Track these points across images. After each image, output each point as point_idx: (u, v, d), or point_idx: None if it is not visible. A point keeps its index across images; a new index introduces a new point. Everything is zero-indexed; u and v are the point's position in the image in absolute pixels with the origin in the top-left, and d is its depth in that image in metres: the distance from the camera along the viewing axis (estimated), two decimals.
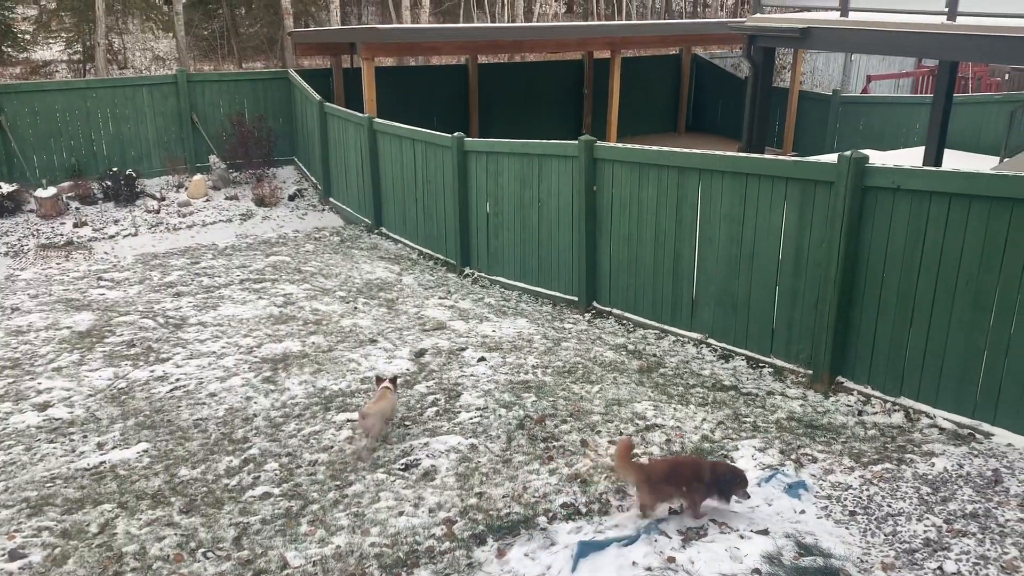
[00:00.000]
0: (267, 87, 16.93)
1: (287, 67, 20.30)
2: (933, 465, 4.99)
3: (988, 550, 4.06)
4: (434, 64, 22.50)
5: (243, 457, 5.35)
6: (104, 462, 5.35)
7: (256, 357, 7.22)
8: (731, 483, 4.30)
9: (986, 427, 5.54)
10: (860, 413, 6.01)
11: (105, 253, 12.42)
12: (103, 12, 20.97)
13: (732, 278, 7.19)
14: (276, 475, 5.09)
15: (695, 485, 4.26)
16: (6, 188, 13.90)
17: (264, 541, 4.37)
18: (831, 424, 5.80)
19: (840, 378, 6.45)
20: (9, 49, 25.48)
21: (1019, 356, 5.34)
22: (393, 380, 5.69)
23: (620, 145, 8.21)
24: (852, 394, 6.29)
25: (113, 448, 5.56)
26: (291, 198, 15.37)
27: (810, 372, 6.61)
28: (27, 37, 26.17)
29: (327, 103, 14.44)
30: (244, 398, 6.32)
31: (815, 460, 5.09)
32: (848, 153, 6.04)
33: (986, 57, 9.27)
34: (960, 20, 8.78)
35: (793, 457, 5.13)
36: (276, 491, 4.89)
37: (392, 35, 15.36)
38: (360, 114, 13.08)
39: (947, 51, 9.09)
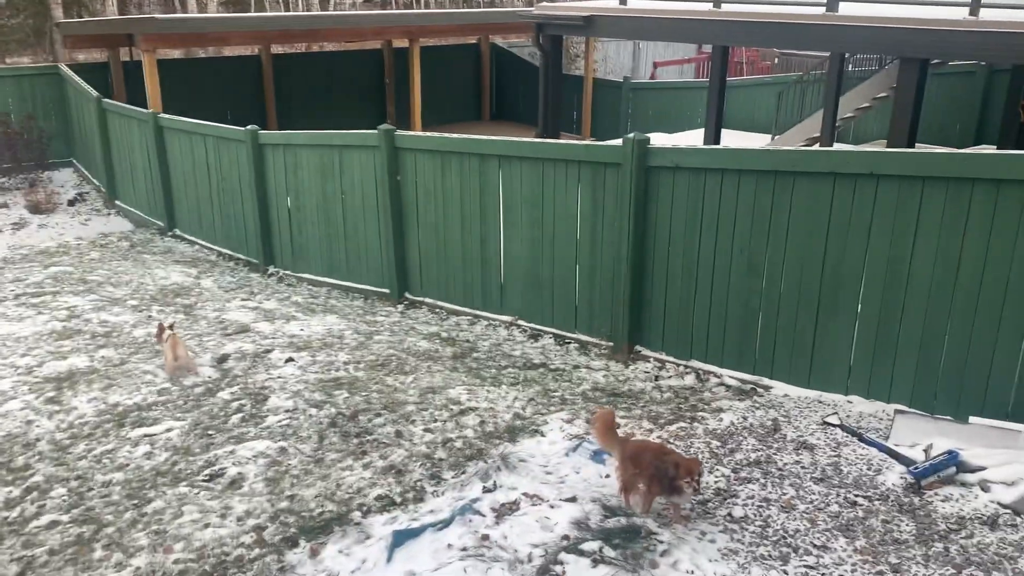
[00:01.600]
0: (36, 83, 15.47)
1: (58, 61, 18.62)
2: (721, 420, 5.41)
3: (770, 492, 4.45)
4: (225, 55, 21.44)
5: (25, 486, 4.88)
6: None
7: (37, 377, 6.60)
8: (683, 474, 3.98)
9: (766, 381, 6.08)
10: (656, 378, 6.41)
11: None
12: None
13: (536, 260, 7.42)
14: (64, 501, 4.69)
15: (653, 474, 4.04)
16: None
17: (52, 573, 4.02)
18: (631, 391, 6.14)
19: (638, 347, 6.84)
20: None
21: (788, 314, 5.89)
22: (171, 326, 6.77)
23: (421, 134, 8.23)
24: (649, 361, 6.69)
25: None
26: (71, 203, 14.15)
27: (611, 344, 6.96)
28: None
29: (106, 99, 13.41)
30: (24, 422, 5.75)
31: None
32: (631, 135, 6.39)
33: (749, 42, 10.14)
34: (725, 7, 9.51)
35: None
36: (65, 518, 4.50)
37: (174, 25, 14.49)
38: (144, 110, 12.25)
39: (715, 36, 9.84)
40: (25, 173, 14.62)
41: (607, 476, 4.65)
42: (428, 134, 8.13)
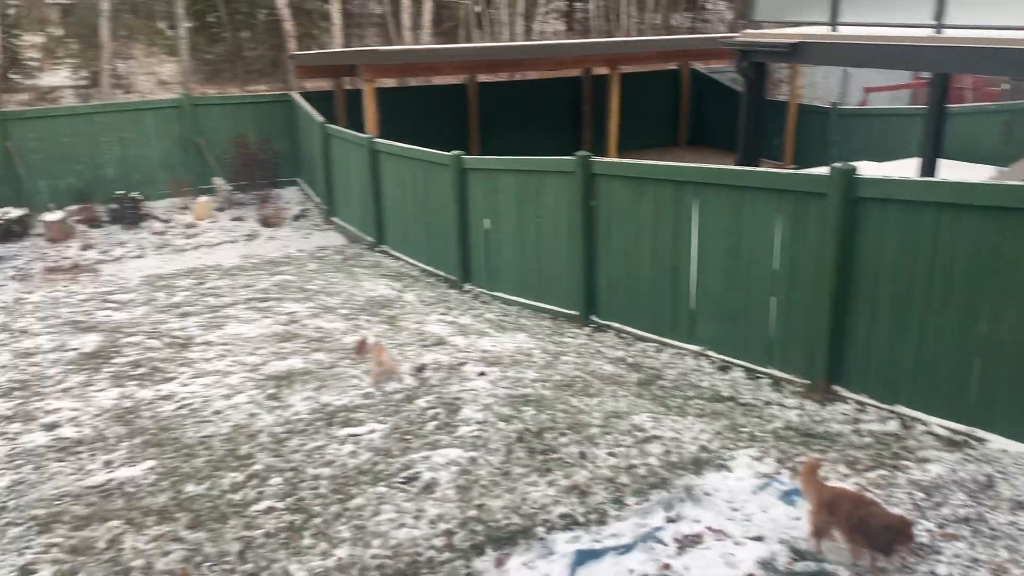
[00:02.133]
0: (270, 109, 17.15)
1: (290, 89, 20.53)
2: (927, 471, 5.06)
3: (979, 553, 4.12)
4: (434, 84, 22.73)
5: (248, 473, 5.44)
6: (111, 480, 5.45)
7: (261, 375, 7.32)
8: (893, 534, 3.87)
9: (980, 433, 5.61)
10: (856, 421, 6.08)
11: (111, 275, 12.57)
12: (108, 38, 21.28)
13: (729, 290, 7.28)
14: (280, 490, 5.18)
15: (854, 523, 3.94)
16: (14, 213, 14.10)
17: (268, 554, 4.45)
18: (827, 433, 5.87)
19: (836, 387, 6.52)
20: (16, 76, 25.76)
21: (1011, 362, 5.41)
22: (363, 341, 7.44)
23: (616, 160, 8.34)
24: (848, 403, 6.36)
25: (120, 466, 5.66)
26: (295, 218, 15.54)
27: (807, 382, 6.68)
28: (34, 64, 26.49)
29: (329, 124, 14.63)
30: (249, 415, 6.41)
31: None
32: (837, 165, 6.15)
33: (973, 69, 9.42)
34: (947, 32, 8.90)
35: (789, 465, 5.20)
36: (280, 505, 4.98)
37: (392, 57, 15.58)
38: (361, 135, 13.25)
39: (936, 64, 9.22)
40: (258, 190, 16.25)
41: (797, 518, 4.49)
42: (623, 160, 8.22)
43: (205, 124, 16.48)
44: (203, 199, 15.59)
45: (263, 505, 4.99)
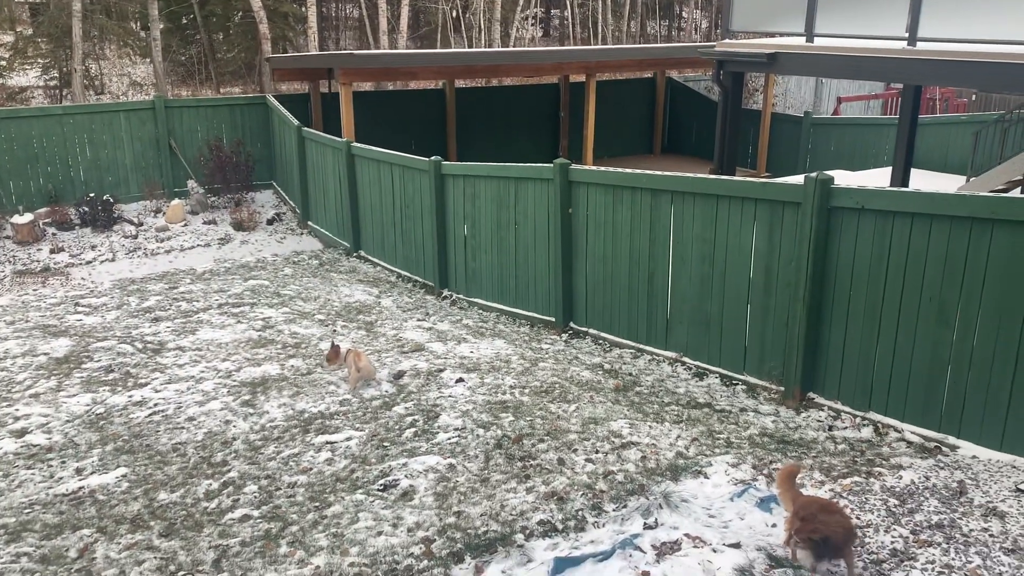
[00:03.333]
0: (245, 112, 17.00)
1: (265, 92, 20.41)
2: (900, 478, 5.12)
3: (952, 559, 4.17)
4: (412, 88, 22.69)
5: (222, 480, 5.38)
6: (83, 487, 5.36)
7: (235, 381, 7.25)
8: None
9: (952, 440, 5.70)
10: (830, 428, 6.15)
11: (82, 279, 12.39)
12: (80, 38, 20.99)
13: (705, 297, 7.34)
14: (255, 497, 5.13)
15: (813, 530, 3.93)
16: None
17: (244, 563, 4.41)
18: (802, 439, 5.93)
19: (811, 394, 6.59)
20: None
21: (982, 369, 5.50)
22: (336, 347, 7.31)
23: (594, 168, 8.38)
24: (823, 409, 6.43)
25: (92, 473, 5.57)
26: (270, 222, 15.41)
27: (782, 389, 6.74)
28: (3, 63, 26.06)
29: (305, 128, 14.54)
30: (223, 422, 6.35)
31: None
32: (814, 174, 6.22)
33: (945, 81, 9.58)
34: (920, 46, 9.05)
35: (765, 472, 5.24)
36: (255, 513, 4.93)
37: (369, 61, 15.53)
38: (338, 139, 13.18)
39: (908, 75, 9.38)
40: (232, 193, 16.10)
41: (773, 525, 4.53)
42: (601, 168, 8.26)
43: (179, 126, 16.31)
44: (176, 202, 15.42)
45: (238, 513, 4.94)
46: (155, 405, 6.75)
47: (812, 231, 6.25)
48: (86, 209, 14.71)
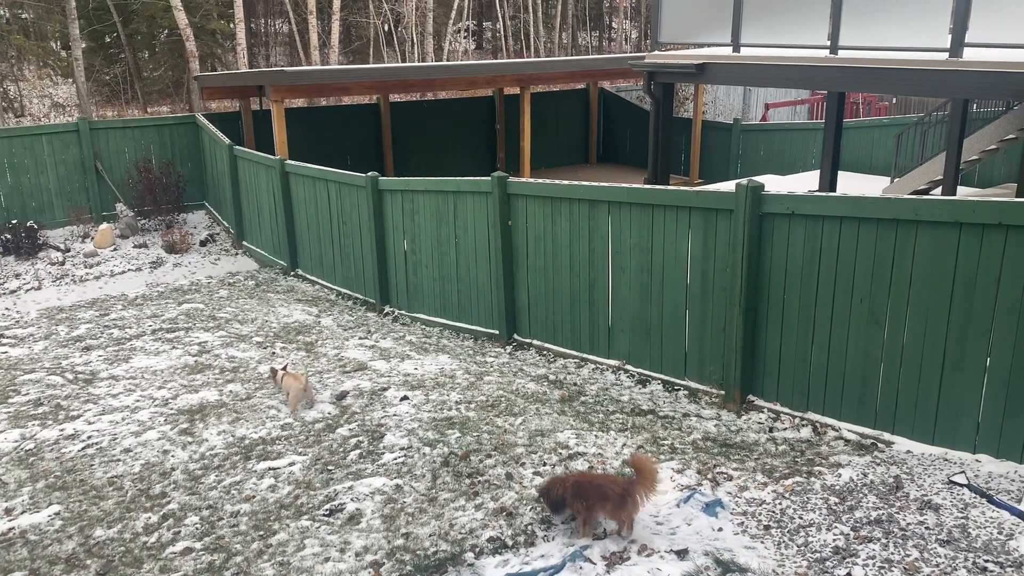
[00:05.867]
0: (174, 132, 16.66)
1: (194, 111, 20.00)
2: (840, 476, 5.25)
3: (892, 553, 4.29)
4: (345, 103, 22.51)
5: (162, 513, 5.22)
6: (13, 528, 5.14)
7: (172, 409, 7.06)
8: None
9: (887, 436, 5.87)
10: (771, 430, 6.27)
11: (6, 309, 11.93)
12: None
13: (645, 305, 7.43)
14: (197, 529, 4.99)
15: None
16: None
17: None
18: (744, 442, 6.04)
19: (751, 397, 6.72)
20: None
21: (912, 366, 5.69)
22: (284, 368, 7.20)
23: (533, 180, 8.42)
24: (763, 412, 6.56)
25: (22, 513, 5.35)
26: (203, 243, 15.09)
27: (723, 393, 6.86)
28: None
29: (237, 146, 14.29)
30: (161, 452, 6.16)
31: (730, 478, 5.29)
32: (745, 182, 6.36)
33: (866, 87, 9.91)
34: (841, 54, 9.36)
35: (709, 476, 5.32)
36: (198, 545, 4.79)
37: (301, 77, 15.35)
38: (271, 156, 12.99)
39: (831, 83, 9.68)
40: (163, 215, 15.72)
41: (720, 529, 4.59)
42: (539, 181, 8.32)
43: (105, 148, 15.87)
44: (105, 226, 14.97)
45: (180, 546, 4.80)
46: (88, 438, 6.52)
47: (745, 237, 6.38)
48: (8, 236, 14.18)
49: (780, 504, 4.88)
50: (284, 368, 7.23)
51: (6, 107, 23.32)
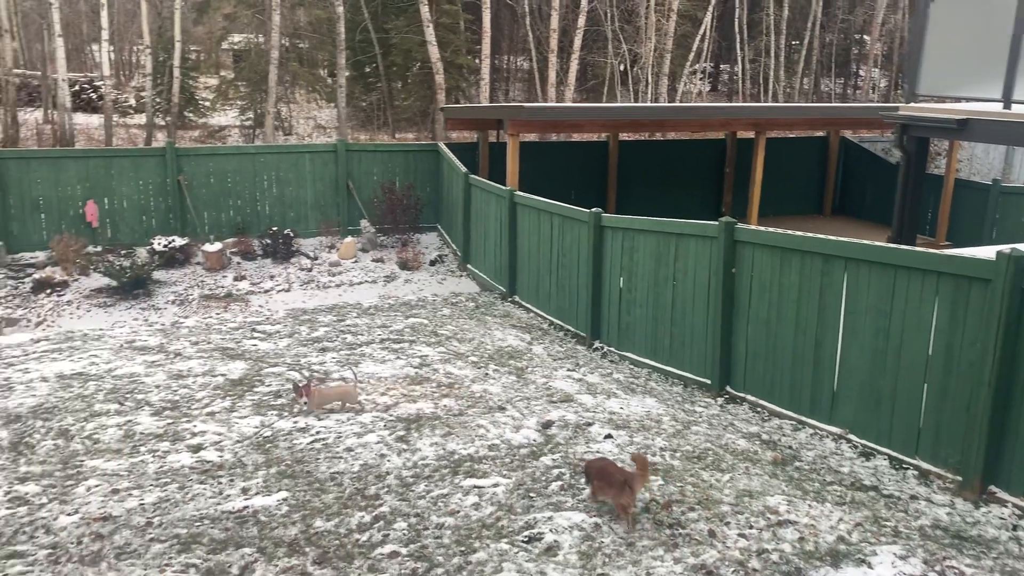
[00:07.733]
0: (418, 158, 17.87)
1: (437, 139, 21.35)
2: None
3: None
4: (575, 140, 23.04)
5: (374, 514, 5.54)
6: (247, 507, 5.67)
7: (392, 416, 7.49)
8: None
9: None
10: (1015, 528, 5.58)
11: (260, 306, 13.29)
12: (275, 83, 22.83)
13: (877, 372, 6.91)
14: (404, 535, 5.24)
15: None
16: (179, 241, 15.21)
17: None
18: (981, 537, 5.41)
19: (993, 488, 6.02)
20: (191, 115, 28.10)
21: None
22: (306, 386, 7.55)
23: (763, 229, 8.14)
24: (1006, 506, 5.85)
25: (256, 494, 5.89)
26: (432, 263, 16.00)
27: (959, 478, 6.20)
28: (207, 104, 28.80)
29: (472, 175, 15.06)
30: (378, 455, 6.55)
31: (962, 574, 4.76)
32: (1007, 249, 5.77)
33: None
34: None
35: (937, 568, 4.82)
36: (404, 551, 5.03)
37: (538, 113, 15.93)
38: (502, 186, 13.56)
39: None
40: (400, 234, 16.90)
41: None
42: (770, 229, 8.02)
43: (356, 169, 17.34)
44: (349, 239, 16.32)
45: (387, 549, 5.06)
46: (316, 433, 7.08)
47: (1003, 311, 5.77)
48: (268, 241, 15.84)
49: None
50: (308, 383, 7.67)
51: (278, 126, 26.15)
